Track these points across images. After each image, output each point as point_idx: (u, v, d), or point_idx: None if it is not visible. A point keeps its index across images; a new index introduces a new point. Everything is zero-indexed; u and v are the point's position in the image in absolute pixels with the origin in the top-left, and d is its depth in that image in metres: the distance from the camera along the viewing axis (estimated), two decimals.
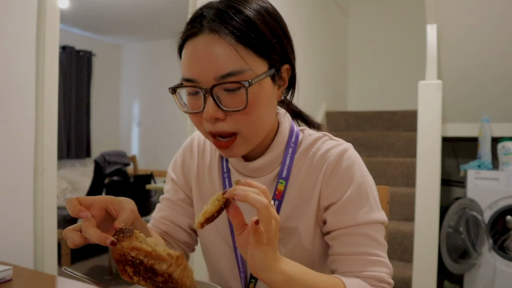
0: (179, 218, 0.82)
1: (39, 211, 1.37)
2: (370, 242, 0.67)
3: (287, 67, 0.68)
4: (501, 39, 2.47)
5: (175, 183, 0.83)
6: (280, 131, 0.73)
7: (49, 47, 1.38)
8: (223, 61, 0.59)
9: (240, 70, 0.59)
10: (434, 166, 2.15)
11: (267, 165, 0.72)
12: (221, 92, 0.61)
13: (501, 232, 2.44)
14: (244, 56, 0.60)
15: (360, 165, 0.70)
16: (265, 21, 0.63)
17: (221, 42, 0.59)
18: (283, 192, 0.72)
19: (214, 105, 0.60)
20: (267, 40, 0.62)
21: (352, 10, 4.31)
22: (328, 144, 0.72)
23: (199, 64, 0.60)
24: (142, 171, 4.57)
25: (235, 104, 0.60)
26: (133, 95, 5.68)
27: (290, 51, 0.68)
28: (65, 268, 0.64)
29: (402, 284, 2.25)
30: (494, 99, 2.68)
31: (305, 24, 3.11)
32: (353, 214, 0.68)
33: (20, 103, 1.32)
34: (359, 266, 0.66)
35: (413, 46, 3.83)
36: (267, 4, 0.66)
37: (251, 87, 0.60)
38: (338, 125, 3.58)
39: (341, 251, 0.68)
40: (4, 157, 1.27)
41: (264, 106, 0.63)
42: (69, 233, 0.57)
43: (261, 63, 0.62)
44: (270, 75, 0.64)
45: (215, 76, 0.59)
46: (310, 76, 3.26)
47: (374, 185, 0.72)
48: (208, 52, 0.60)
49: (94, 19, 4.59)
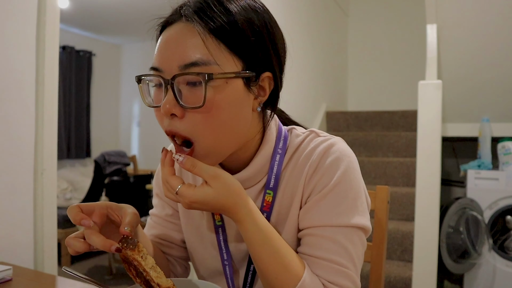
0: (171, 235, 0.79)
1: (39, 211, 1.37)
2: (337, 249, 0.60)
3: (268, 75, 0.60)
4: (501, 39, 2.47)
5: (161, 198, 0.81)
6: (266, 139, 0.66)
7: (49, 47, 1.38)
8: (189, 50, 0.55)
9: (205, 62, 0.54)
10: (434, 166, 2.15)
11: (252, 177, 0.66)
12: (184, 87, 0.56)
13: (501, 232, 2.44)
14: (212, 48, 0.55)
15: (348, 161, 0.63)
16: (248, 18, 0.57)
17: (192, 30, 0.55)
18: (271, 203, 0.66)
19: (173, 98, 0.55)
20: (244, 38, 0.57)
21: (352, 10, 4.31)
22: (313, 142, 0.66)
23: (166, 52, 0.57)
24: (142, 171, 4.57)
25: (194, 101, 0.54)
26: (133, 95, 5.68)
27: (276, 59, 0.61)
28: (65, 268, 0.64)
29: (402, 284, 2.25)
30: (494, 99, 2.68)
31: (305, 24, 3.11)
32: (324, 213, 0.61)
33: (20, 103, 1.32)
34: (322, 272, 0.60)
35: (413, 46, 3.83)
36: (259, 5, 0.61)
37: (213, 82, 0.54)
38: (338, 125, 3.58)
39: (306, 251, 0.62)
40: (4, 157, 1.27)
41: (229, 111, 0.56)
42: (72, 240, 0.58)
43: (233, 61, 0.56)
44: (244, 78, 0.57)
45: (178, 65, 0.55)
46: (310, 76, 3.26)
47: (359, 185, 0.64)
48: (177, 40, 0.56)
49: (94, 19, 4.59)
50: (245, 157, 0.66)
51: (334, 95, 3.92)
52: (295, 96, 2.83)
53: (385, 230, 0.91)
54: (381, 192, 0.92)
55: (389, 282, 2.27)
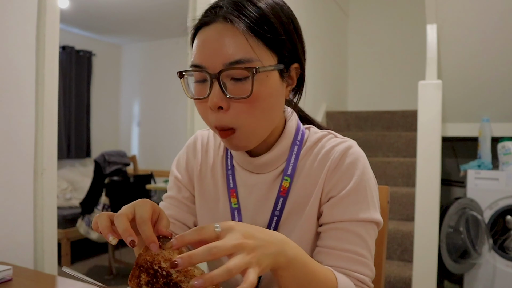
0: (185, 216, 0.81)
1: (39, 211, 1.37)
2: (359, 242, 0.67)
3: (296, 66, 0.69)
4: (501, 39, 2.47)
5: (179, 181, 0.83)
6: (287, 128, 0.73)
7: (49, 47, 1.38)
8: (233, 49, 0.60)
9: (249, 59, 0.60)
10: (434, 166, 2.15)
11: (272, 162, 0.72)
12: (228, 81, 0.61)
13: (501, 232, 2.44)
14: (254, 46, 0.60)
15: (363, 163, 0.70)
16: (278, 16, 0.64)
17: (233, 30, 0.60)
18: (288, 189, 0.72)
19: (220, 91, 0.60)
20: (278, 35, 0.63)
21: (352, 10, 4.31)
22: (332, 142, 0.72)
23: (208, 50, 0.61)
24: (142, 171, 4.58)
25: (240, 93, 0.60)
26: (133, 95, 5.68)
27: (301, 51, 0.69)
28: (64, 268, 0.64)
29: (402, 284, 2.25)
30: (494, 99, 2.68)
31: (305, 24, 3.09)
32: (347, 209, 0.68)
33: (20, 103, 1.32)
34: (346, 263, 0.66)
35: (413, 46, 3.83)
36: (283, 3, 0.68)
37: (258, 76, 0.60)
38: (338, 125, 3.58)
39: (330, 244, 0.68)
40: (4, 157, 1.27)
41: (269, 100, 0.63)
42: (102, 220, 0.56)
43: (270, 56, 0.63)
44: (279, 70, 0.64)
45: (223, 62, 0.60)
46: (310, 76, 3.23)
47: (374, 184, 0.72)
48: (219, 39, 0.61)
49: (94, 19, 4.59)
50: (269, 141, 0.72)
51: (334, 95, 3.92)
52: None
53: (385, 230, 0.91)
54: (381, 192, 0.92)
55: (389, 282, 2.27)
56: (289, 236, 0.70)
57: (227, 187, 0.76)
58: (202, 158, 0.81)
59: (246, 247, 0.49)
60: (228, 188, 0.76)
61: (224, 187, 0.77)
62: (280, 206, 0.71)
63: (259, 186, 0.73)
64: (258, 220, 0.73)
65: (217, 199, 0.78)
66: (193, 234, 0.51)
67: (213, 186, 0.79)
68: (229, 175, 0.76)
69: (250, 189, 0.74)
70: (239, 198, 0.75)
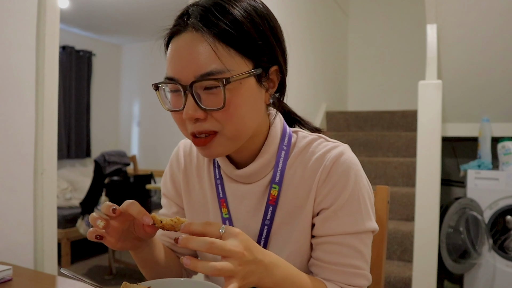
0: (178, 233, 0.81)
1: (39, 211, 1.37)
2: (354, 254, 0.66)
3: (275, 68, 0.66)
4: (501, 39, 2.47)
5: (167, 197, 0.83)
6: (271, 134, 0.70)
7: (49, 47, 1.38)
8: (203, 60, 0.58)
9: (219, 70, 0.58)
10: (434, 166, 2.15)
11: (259, 171, 0.70)
12: (202, 91, 0.60)
13: (501, 232, 2.44)
14: (223, 56, 0.59)
15: (356, 170, 0.67)
16: (252, 20, 0.61)
17: (202, 41, 0.59)
18: (276, 197, 0.69)
19: (194, 104, 0.59)
20: (252, 40, 0.61)
21: (352, 10, 4.31)
22: (323, 147, 0.69)
23: (180, 63, 0.60)
24: (142, 171, 4.57)
25: (214, 103, 0.59)
26: (133, 95, 5.68)
27: (280, 52, 0.66)
28: (62, 269, 0.64)
29: (402, 284, 2.25)
30: (494, 99, 2.68)
31: (305, 24, 3.11)
32: (341, 222, 0.66)
33: (20, 103, 1.32)
34: (341, 277, 0.66)
35: (413, 46, 3.83)
36: (257, 3, 0.64)
37: (230, 85, 0.58)
38: (338, 125, 3.58)
39: (325, 258, 0.67)
40: (4, 157, 1.27)
41: (246, 106, 0.61)
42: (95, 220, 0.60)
43: (244, 63, 0.61)
44: (255, 75, 0.62)
45: (194, 74, 0.59)
46: (310, 76, 3.26)
47: (368, 191, 0.69)
48: (189, 51, 0.59)
49: (94, 19, 4.58)
50: (253, 149, 0.70)
51: (334, 95, 3.92)
52: (295, 96, 2.83)
53: (385, 230, 0.91)
54: (381, 192, 0.92)
55: (389, 282, 2.27)
56: (283, 247, 0.70)
57: (217, 197, 0.74)
58: (186, 167, 0.80)
59: (241, 258, 0.52)
60: (218, 198, 0.74)
61: (214, 197, 0.75)
62: (270, 215, 0.70)
63: (249, 196, 0.71)
64: (249, 229, 0.71)
65: (207, 209, 0.77)
66: (199, 226, 0.54)
67: (201, 196, 0.78)
68: (218, 185, 0.74)
69: (240, 199, 0.72)
70: (230, 208, 0.73)
